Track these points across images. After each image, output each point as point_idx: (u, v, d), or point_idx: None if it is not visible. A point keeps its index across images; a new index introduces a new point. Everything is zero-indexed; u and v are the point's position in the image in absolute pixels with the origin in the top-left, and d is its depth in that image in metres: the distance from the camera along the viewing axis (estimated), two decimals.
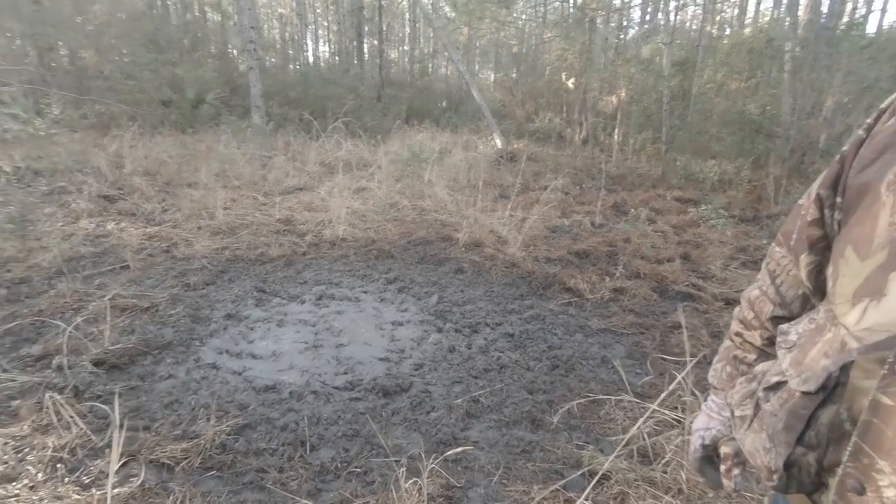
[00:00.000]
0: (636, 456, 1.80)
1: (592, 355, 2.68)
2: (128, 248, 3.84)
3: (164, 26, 13.72)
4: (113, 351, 2.33)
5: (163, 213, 4.92)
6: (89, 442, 1.79)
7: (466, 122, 13.04)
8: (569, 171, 8.11)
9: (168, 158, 7.13)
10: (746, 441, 0.70)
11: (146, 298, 2.98)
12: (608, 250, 4.45)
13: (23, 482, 1.58)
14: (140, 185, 5.82)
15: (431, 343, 2.76)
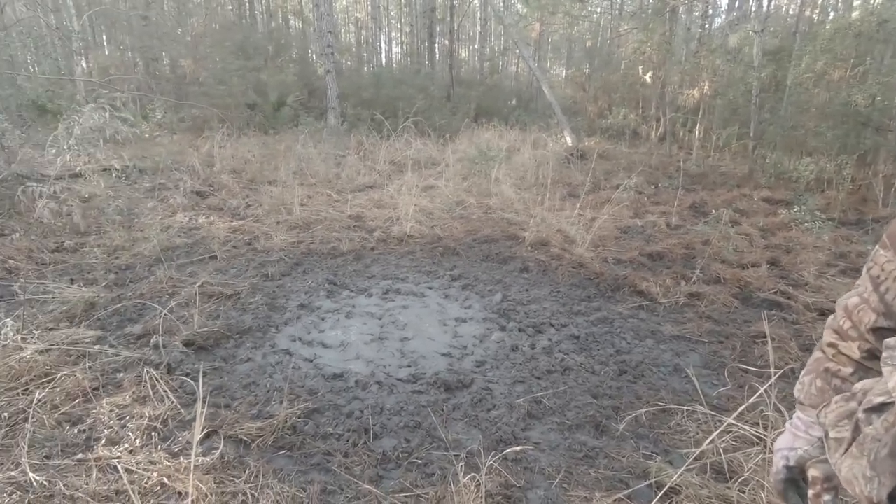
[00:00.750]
0: (710, 472, 1.69)
1: (664, 362, 2.54)
2: (215, 240, 4.17)
3: (251, 35, 14.72)
4: (200, 333, 2.55)
5: (246, 209, 5.29)
6: (178, 415, 1.97)
7: (536, 119, 12.83)
8: (643, 170, 7.73)
9: (252, 157, 7.66)
10: (843, 467, 0.63)
11: (230, 287, 3.22)
12: (685, 253, 4.20)
13: (124, 446, 1.77)
14: (227, 182, 6.30)
15: (494, 341, 2.75)
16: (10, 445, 1.74)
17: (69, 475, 1.61)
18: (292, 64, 14.57)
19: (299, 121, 10.49)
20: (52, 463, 1.67)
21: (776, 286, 3.46)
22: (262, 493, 1.57)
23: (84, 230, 4.20)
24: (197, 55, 13.89)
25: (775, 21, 13.57)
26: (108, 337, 2.53)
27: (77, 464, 1.68)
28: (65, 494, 1.53)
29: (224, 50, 12.84)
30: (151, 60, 13.98)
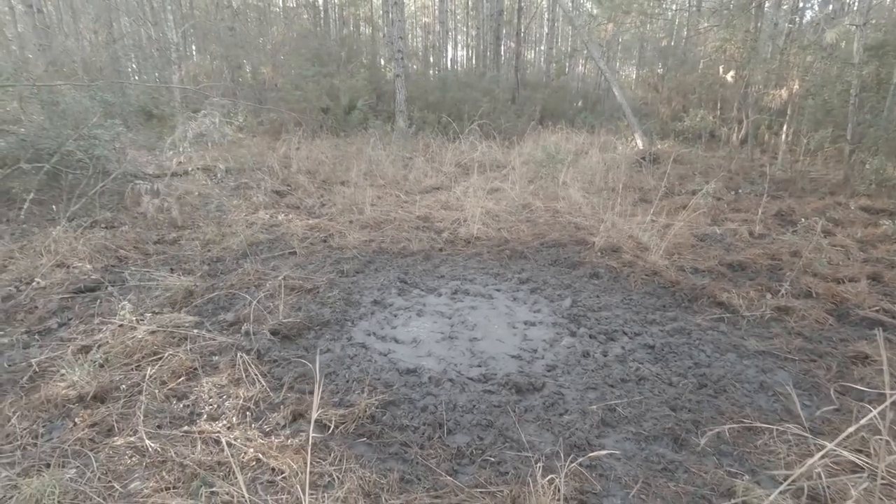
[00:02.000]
0: (805, 498, 1.59)
1: (748, 378, 2.41)
2: (294, 237, 4.42)
3: (325, 42, 15.42)
4: (285, 323, 2.72)
5: (321, 208, 5.57)
6: (268, 397, 2.12)
7: (603, 121, 12.48)
8: (722, 175, 7.31)
9: (325, 159, 8.03)
10: None
11: (310, 281, 3.41)
12: (770, 264, 3.94)
13: (223, 422, 1.93)
14: (303, 182, 6.64)
15: (564, 346, 2.72)
16: (129, 415, 1.96)
17: (178, 444, 1.79)
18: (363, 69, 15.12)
19: (368, 124, 10.87)
20: (163, 432, 1.86)
21: (878, 303, 3.16)
22: (346, 475, 1.66)
23: (181, 224, 4.60)
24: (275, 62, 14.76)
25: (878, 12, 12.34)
26: (204, 322, 2.77)
27: (184, 435, 1.86)
28: (175, 461, 1.70)
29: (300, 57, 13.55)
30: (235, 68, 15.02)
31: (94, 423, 1.90)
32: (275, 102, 11.91)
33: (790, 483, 1.53)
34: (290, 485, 1.62)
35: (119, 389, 2.13)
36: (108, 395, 2.09)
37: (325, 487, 1.62)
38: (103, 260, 3.67)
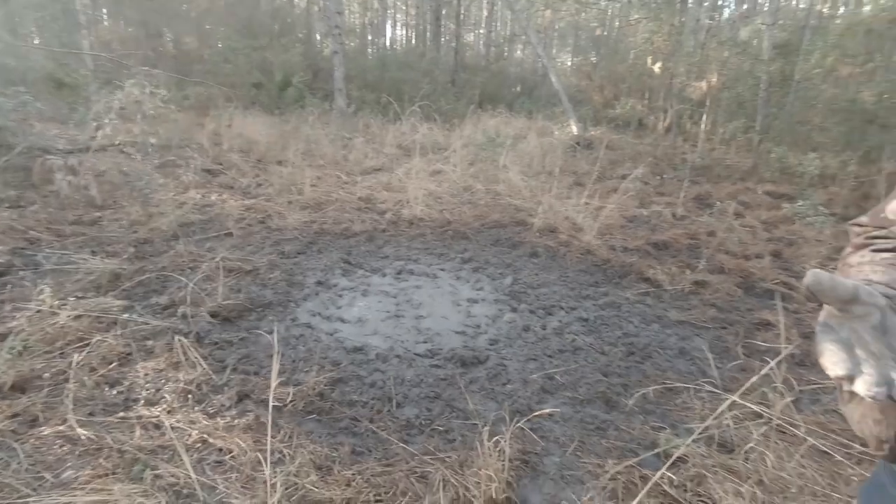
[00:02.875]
0: (715, 444, 1.80)
1: (670, 346, 2.65)
2: (230, 218, 4.24)
3: (256, 13, 14.57)
4: (225, 305, 2.64)
5: (257, 188, 5.35)
6: (211, 380, 2.06)
7: (541, 107, 12.80)
8: (649, 161, 7.79)
9: (259, 137, 7.67)
10: (854, 413, 0.72)
11: (249, 262, 3.30)
12: (690, 243, 4.29)
13: (162, 407, 1.87)
14: (236, 161, 6.33)
15: (506, 321, 2.85)
16: (56, 403, 1.84)
17: (114, 431, 1.71)
18: (298, 44, 14.47)
19: (305, 102, 10.47)
20: (96, 420, 1.77)
21: (778, 277, 3.56)
22: (297, 451, 1.67)
23: (101, 204, 4.26)
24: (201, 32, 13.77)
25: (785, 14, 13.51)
26: (135, 306, 2.62)
27: (120, 421, 1.78)
28: (112, 447, 1.63)
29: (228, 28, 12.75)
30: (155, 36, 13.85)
31: (16, 413, 1.77)
32: (201, 75, 11.13)
33: (702, 432, 1.72)
34: (240, 463, 1.61)
35: (42, 378, 1.98)
36: (29, 384, 1.94)
37: (277, 463, 1.62)
38: (10, 242, 3.35)
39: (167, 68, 11.59)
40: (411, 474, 1.62)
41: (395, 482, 1.57)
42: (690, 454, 1.72)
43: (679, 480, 1.61)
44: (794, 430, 1.85)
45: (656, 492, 1.58)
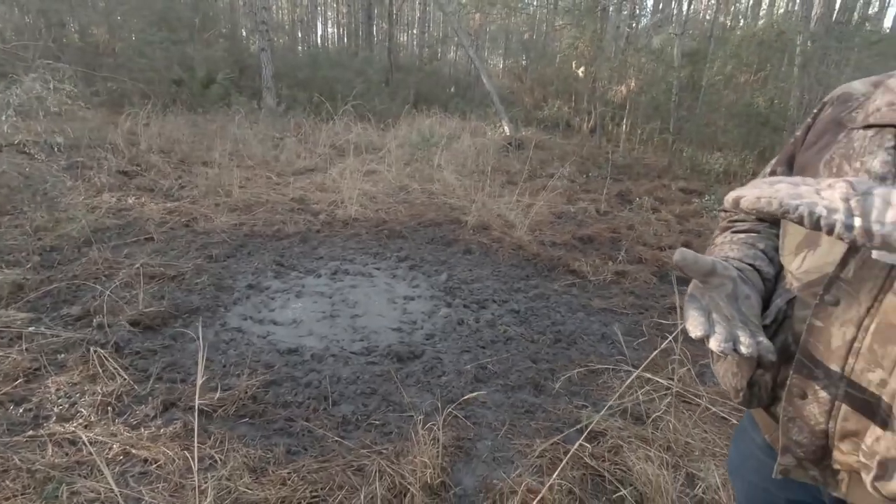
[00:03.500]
0: (630, 417, 1.97)
1: (593, 332, 2.84)
2: (150, 222, 4.00)
3: (174, 4, 13.72)
4: (147, 313, 2.51)
5: (180, 190, 5.08)
6: (133, 390, 1.97)
7: (474, 108, 13.06)
8: (576, 160, 8.20)
9: (182, 137, 7.26)
10: (720, 370, 0.85)
11: (172, 268, 3.15)
12: (612, 236, 4.59)
13: (78, 422, 1.76)
14: (156, 162, 5.96)
15: (441, 316, 2.92)
16: None
17: (22, 450, 1.60)
18: (221, 39, 13.79)
19: (231, 100, 10.01)
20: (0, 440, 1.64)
21: None
22: (229, 455, 1.64)
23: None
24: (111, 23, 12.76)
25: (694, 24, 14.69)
26: (42, 318, 2.43)
27: (29, 440, 1.66)
28: (20, 468, 1.52)
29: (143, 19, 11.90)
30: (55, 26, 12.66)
31: None
32: (113, 70, 10.32)
33: (615, 407, 1.88)
34: (167, 472, 1.55)
35: None
36: None
37: (208, 469, 1.59)
38: None
39: (72, 61, 10.65)
40: (348, 468, 1.64)
41: (331, 477, 1.59)
42: (609, 428, 1.88)
43: (598, 452, 1.76)
44: (698, 400, 2.06)
45: (579, 464, 1.71)
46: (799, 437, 0.71)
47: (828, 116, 0.80)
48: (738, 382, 0.79)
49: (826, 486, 0.73)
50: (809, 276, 0.70)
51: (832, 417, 0.67)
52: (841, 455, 0.68)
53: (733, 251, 0.83)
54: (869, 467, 0.63)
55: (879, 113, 0.71)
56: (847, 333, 0.64)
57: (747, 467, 0.89)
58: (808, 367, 0.68)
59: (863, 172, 0.68)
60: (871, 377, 0.63)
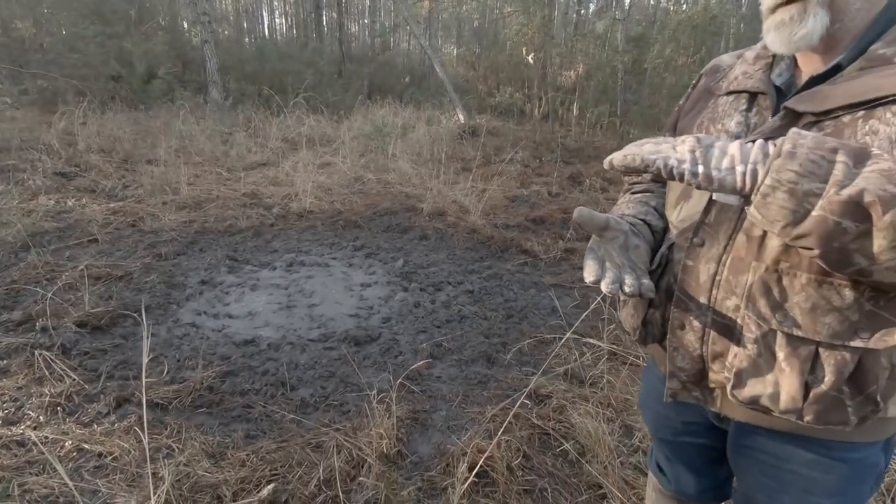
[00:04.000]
0: (574, 380, 2.11)
1: (544, 306, 2.98)
2: (93, 223, 3.87)
3: None
4: (94, 314, 2.46)
5: (124, 189, 4.90)
6: (83, 390, 1.94)
7: (429, 97, 13.06)
8: (528, 145, 8.38)
9: (123, 135, 6.96)
10: (623, 314, 0.96)
11: (119, 268, 3.07)
12: (562, 217, 4.76)
13: (25, 424, 1.73)
14: (97, 162, 5.71)
15: (398, 300, 2.99)
16: None
17: None
18: (161, 32, 13.17)
19: (175, 95, 9.63)
20: None
21: None
22: (187, 443, 1.67)
23: None
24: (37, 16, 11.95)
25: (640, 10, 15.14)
26: None
27: None
28: None
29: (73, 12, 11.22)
30: None
31: None
32: (42, 66, 9.71)
33: (561, 370, 2.01)
34: (123, 464, 1.57)
35: None
36: None
37: (165, 457, 1.61)
38: None
39: None
40: (307, 446, 1.70)
41: (290, 455, 1.64)
42: (555, 390, 2.01)
43: (544, 412, 1.88)
44: (635, 360, 2.22)
45: (527, 424, 1.83)
46: (682, 364, 0.83)
47: (702, 86, 0.92)
48: (635, 322, 0.90)
49: (706, 404, 0.85)
50: (684, 223, 0.81)
51: (704, 343, 0.78)
52: (714, 374, 0.80)
53: (629, 209, 0.94)
54: (730, 380, 0.75)
55: (737, 81, 0.83)
56: (710, 269, 0.76)
57: (652, 399, 1.01)
58: (684, 301, 0.80)
59: (723, 133, 0.80)
60: (728, 304, 0.75)
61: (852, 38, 0.69)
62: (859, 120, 0.64)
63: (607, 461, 1.65)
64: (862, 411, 0.69)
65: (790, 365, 0.69)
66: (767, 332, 0.70)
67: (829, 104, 0.66)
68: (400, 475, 1.62)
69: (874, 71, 0.65)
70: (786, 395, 0.70)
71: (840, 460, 0.77)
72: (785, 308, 0.69)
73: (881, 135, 0.61)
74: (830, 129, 0.65)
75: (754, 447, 0.84)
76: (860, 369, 0.66)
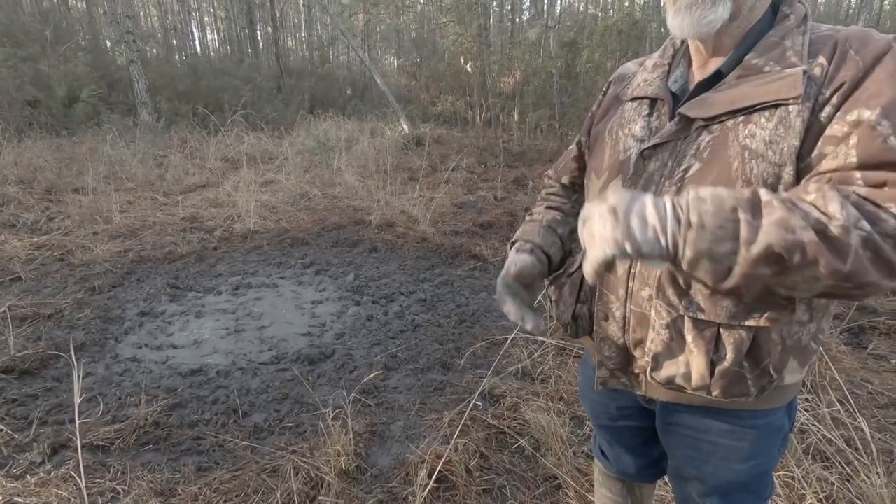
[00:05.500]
0: (526, 377, 2.18)
1: (495, 308, 3.05)
2: (14, 260, 3.60)
3: (17, 16, 12.17)
4: (21, 357, 2.30)
5: (49, 222, 4.60)
6: (12, 440, 1.82)
7: (372, 108, 13.04)
8: (473, 152, 8.54)
9: (44, 164, 6.51)
10: (554, 312, 1.02)
11: (48, 306, 2.88)
12: (509, 220, 4.89)
13: None
14: (15, 194, 5.32)
15: (350, 315, 2.97)
16: None
17: None
18: (81, 53, 12.46)
19: (101, 118, 9.13)
20: None
21: None
22: (133, 485, 1.59)
23: None
24: None
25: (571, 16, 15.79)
26: None
27: None
28: None
29: None
30: None
31: None
32: None
33: (513, 369, 2.08)
34: None
35: None
36: None
37: (110, 501, 1.53)
38: None
39: None
40: (262, 472, 1.66)
41: (245, 483, 1.60)
42: (508, 390, 2.07)
43: (499, 412, 1.93)
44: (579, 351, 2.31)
45: (483, 426, 1.87)
46: (608, 353, 0.89)
47: (611, 93, 0.99)
48: (566, 317, 0.96)
49: (634, 389, 0.92)
50: None
51: (626, 332, 0.85)
52: (637, 361, 0.87)
53: (538, 236, 1.01)
54: (649, 363, 0.82)
55: (639, 88, 0.91)
56: (626, 263, 0.83)
57: (588, 388, 1.08)
58: (606, 294, 0.87)
59: (630, 136, 0.87)
60: (643, 294, 0.82)
61: (732, 46, 0.78)
62: (740, 124, 0.72)
63: (561, 453, 1.72)
64: (760, 382, 0.77)
65: (697, 346, 0.76)
66: (677, 317, 0.77)
67: (715, 110, 0.74)
68: (360, 490, 1.62)
69: (749, 80, 0.73)
70: (696, 374, 0.78)
71: (750, 427, 0.85)
72: (689, 295, 0.76)
73: (758, 137, 0.70)
74: (717, 131, 0.74)
75: (678, 423, 0.91)
76: (755, 345, 0.75)
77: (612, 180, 0.87)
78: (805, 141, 0.68)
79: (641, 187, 0.81)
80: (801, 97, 0.68)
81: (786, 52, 0.72)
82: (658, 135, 0.80)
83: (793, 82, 0.69)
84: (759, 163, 0.70)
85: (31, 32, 11.32)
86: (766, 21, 0.77)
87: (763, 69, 0.73)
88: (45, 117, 9.36)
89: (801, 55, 0.71)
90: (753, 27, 0.77)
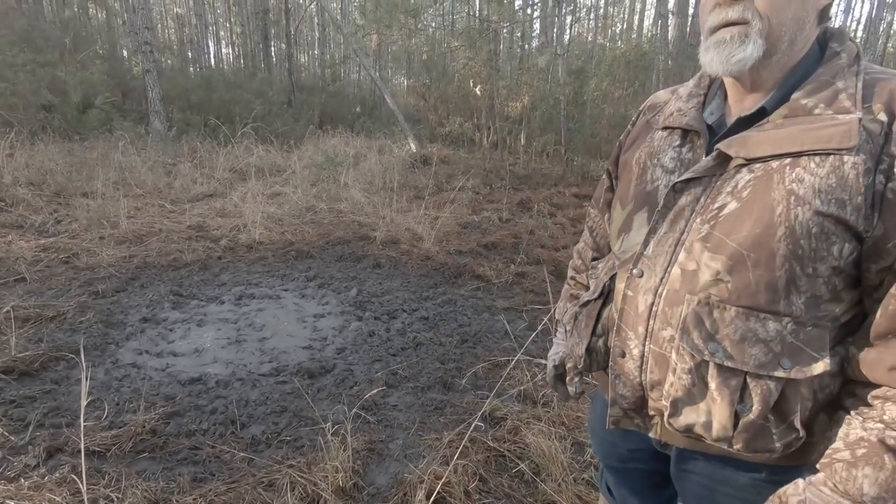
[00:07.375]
0: (527, 400, 2.16)
1: (497, 329, 3.04)
2: (20, 261, 3.62)
3: (38, 23, 12.45)
4: (21, 358, 2.29)
5: (56, 225, 4.63)
6: (8, 442, 1.80)
7: (380, 126, 13.21)
8: (479, 173, 8.61)
9: (55, 167, 6.59)
10: (570, 344, 1.00)
11: (51, 308, 2.89)
12: (513, 241, 4.91)
13: None
14: (25, 196, 5.37)
15: (352, 330, 2.97)
16: None
17: None
18: (99, 61, 12.71)
19: (114, 125, 9.26)
20: None
21: None
22: (127, 493, 1.57)
23: None
24: None
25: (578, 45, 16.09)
26: None
27: None
28: None
29: (1, 39, 10.66)
30: None
31: None
32: None
33: (515, 392, 2.06)
34: None
35: None
36: None
37: None
38: None
39: None
40: (258, 485, 1.64)
41: (240, 496, 1.58)
42: (509, 412, 2.05)
43: (500, 435, 1.91)
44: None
45: (483, 448, 1.85)
46: (623, 391, 0.85)
47: (641, 122, 0.98)
48: (580, 350, 0.94)
49: (647, 431, 0.87)
50: (625, 254, 0.86)
51: (643, 371, 0.81)
52: (653, 402, 0.82)
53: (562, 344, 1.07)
54: (667, 408, 0.79)
55: (672, 118, 0.87)
56: (648, 300, 0.79)
57: (599, 425, 1.05)
58: (625, 330, 0.83)
59: (659, 167, 0.86)
60: (664, 335, 0.77)
61: (774, 82, 0.75)
62: (787, 167, 0.68)
63: (561, 479, 1.69)
64: (785, 438, 0.72)
65: (721, 395, 0.72)
66: (700, 362, 0.73)
67: (759, 152, 0.71)
68: None
69: (798, 122, 0.69)
70: (717, 424, 0.74)
71: (772, 483, 0.79)
72: (716, 339, 0.72)
73: (806, 183, 0.66)
74: (760, 171, 0.71)
75: (694, 471, 0.87)
76: (783, 398, 0.71)
77: (637, 211, 0.84)
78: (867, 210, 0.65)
79: (670, 221, 0.78)
80: (856, 148, 0.64)
81: (838, 95, 0.69)
82: (692, 169, 0.77)
83: (847, 131, 0.65)
84: (805, 210, 0.66)
85: (51, 39, 11.57)
86: (813, 57, 0.74)
87: (813, 111, 0.69)
88: (58, 122, 9.50)
89: (855, 99, 0.67)
90: (799, 63, 0.74)
